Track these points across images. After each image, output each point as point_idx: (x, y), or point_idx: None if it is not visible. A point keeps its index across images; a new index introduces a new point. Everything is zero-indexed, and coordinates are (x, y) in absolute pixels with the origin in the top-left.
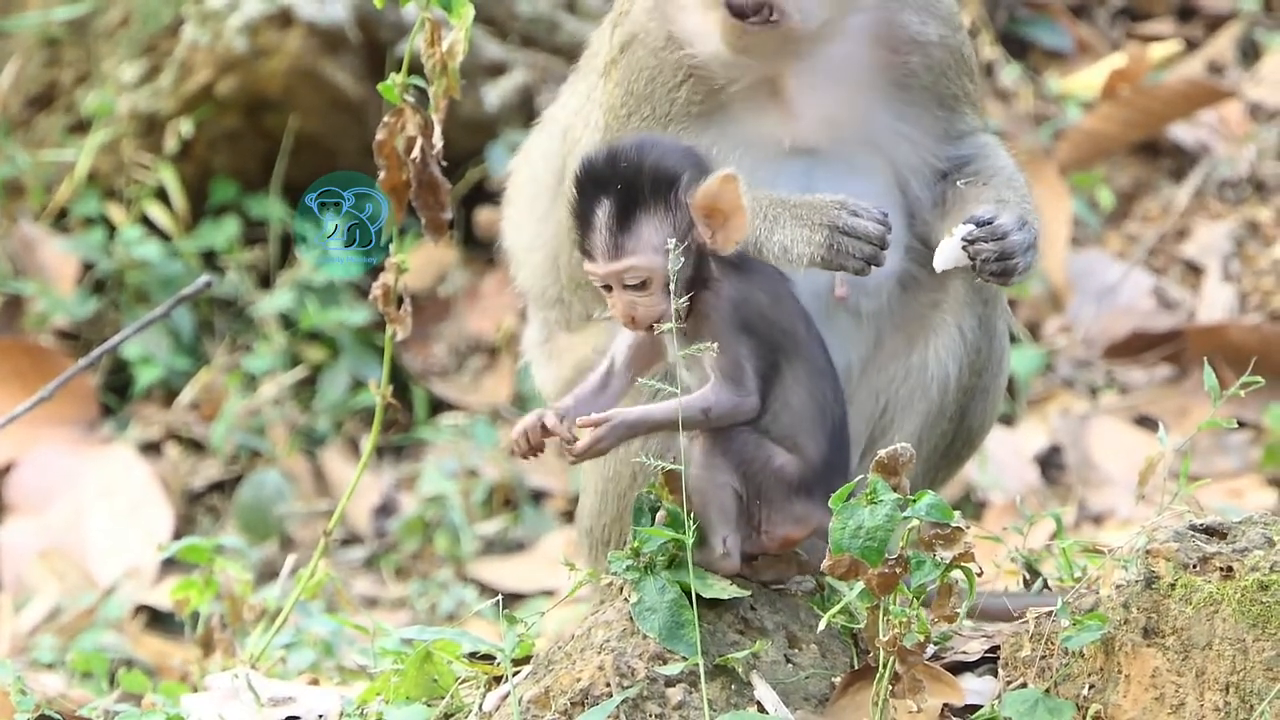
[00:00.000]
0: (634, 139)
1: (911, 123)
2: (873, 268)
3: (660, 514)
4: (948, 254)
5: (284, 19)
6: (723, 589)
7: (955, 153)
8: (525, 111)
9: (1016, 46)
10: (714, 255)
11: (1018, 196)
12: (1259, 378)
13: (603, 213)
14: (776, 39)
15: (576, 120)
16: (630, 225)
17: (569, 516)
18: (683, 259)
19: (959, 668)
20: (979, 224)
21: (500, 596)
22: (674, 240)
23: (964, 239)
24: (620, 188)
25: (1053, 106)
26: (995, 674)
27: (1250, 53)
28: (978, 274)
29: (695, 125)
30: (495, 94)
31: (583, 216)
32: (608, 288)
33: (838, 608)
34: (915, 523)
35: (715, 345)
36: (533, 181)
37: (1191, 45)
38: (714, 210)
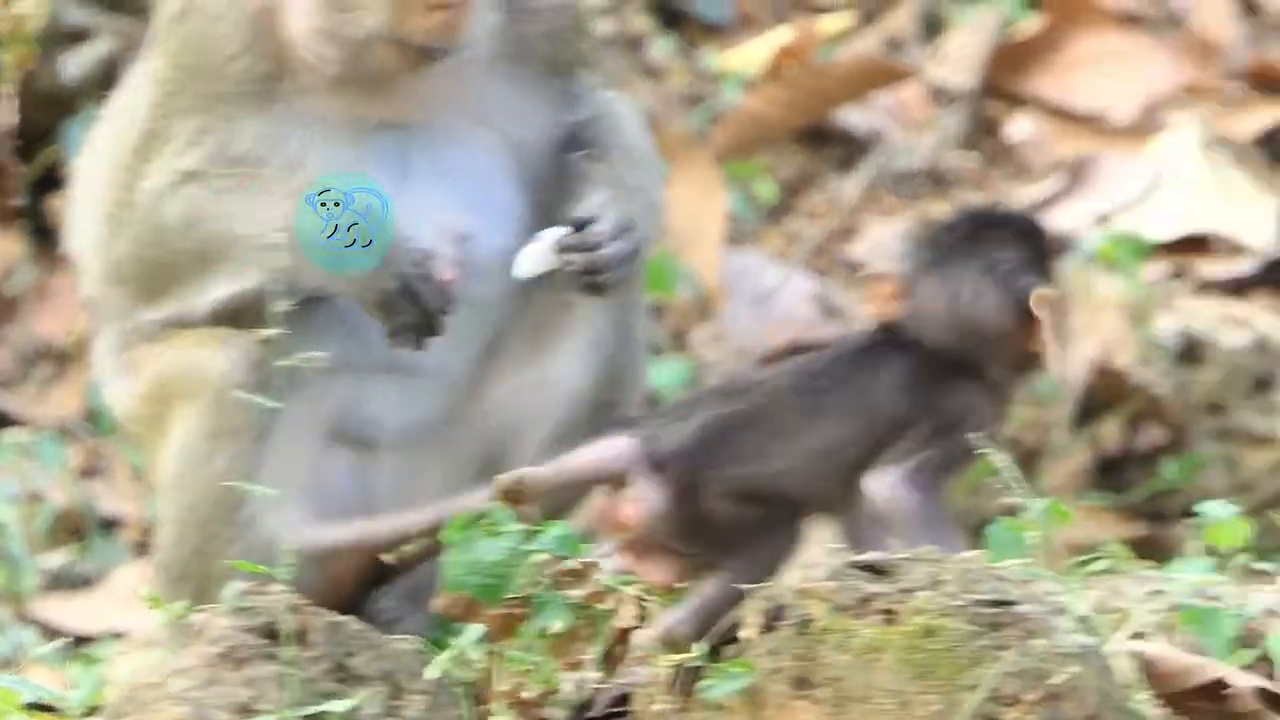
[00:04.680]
0: None
1: (525, 92)
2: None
3: None
4: (533, 259)
5: None
6: None
7: (571, 118)
8: (109, 85)
9: (669, 17)
10: None
11: (636, 180)
12: None
13: None
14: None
15: (133, 100)
16: None
17: (144, 548)
18: None
19: None
20: (575, 228)
21: (65, 639)
22: None
23: (557, 243)
24: None
25: (709, 86)
26: None
27: (932, 27)
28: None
29: (255, 103)
30: (75, 64)
31: None
32: None
33: (450, 653)
34: (541, 557)
35: None
36: (98, 172)
37: (867, 18)
38: None
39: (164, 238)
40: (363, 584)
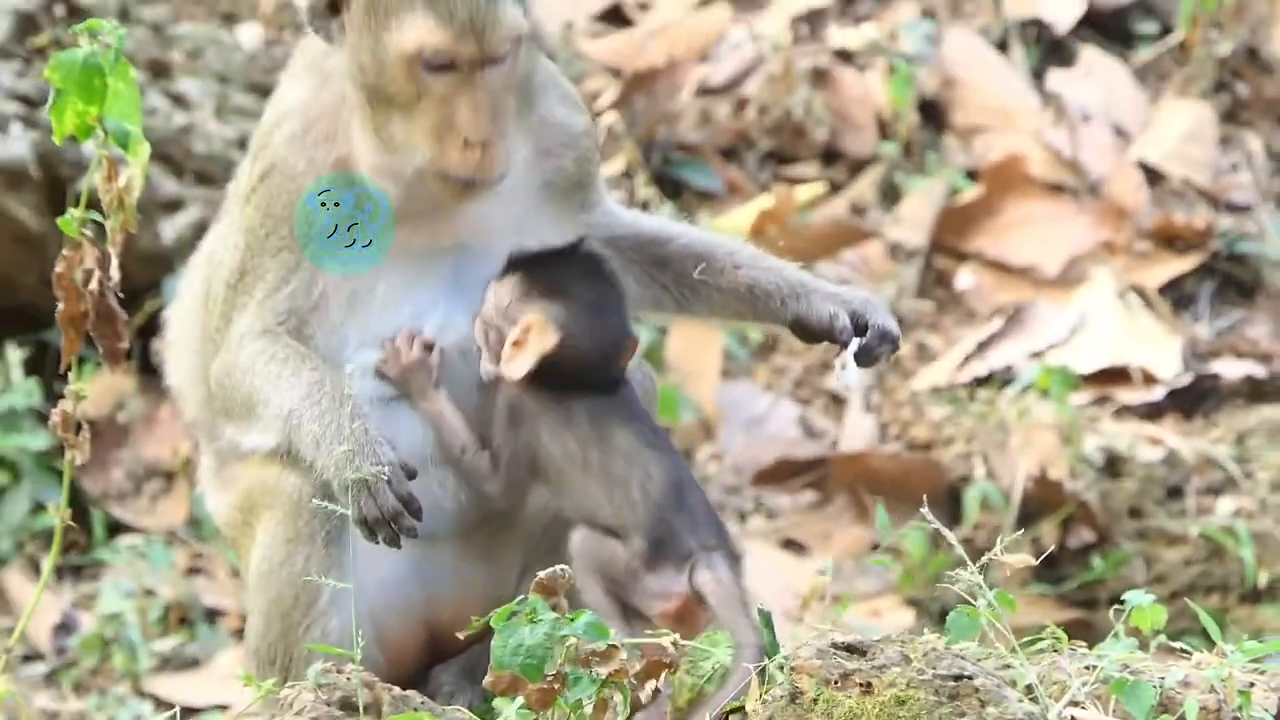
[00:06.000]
0: None
1: (557, 206)
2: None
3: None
4: (854, 373)
5: None
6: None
7: (588, 219)
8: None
9: (670, 187)
10: None
11: (787, 267)
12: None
13: None
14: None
15: (219, 245)
16: None
17: (243, 635)
18: None
19: None
20: (858, 331)
21: (177, 710)
22: None
23: (855, 353)
24: None
25: None
26: None
27: (890, 195)
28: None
29: None
30: (171, 229)
31: None
32: None
33: None
34: (573, 640)
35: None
36: (185, 315)
37: (835, 187)
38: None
39: (231, 373)
40: (424, 663)
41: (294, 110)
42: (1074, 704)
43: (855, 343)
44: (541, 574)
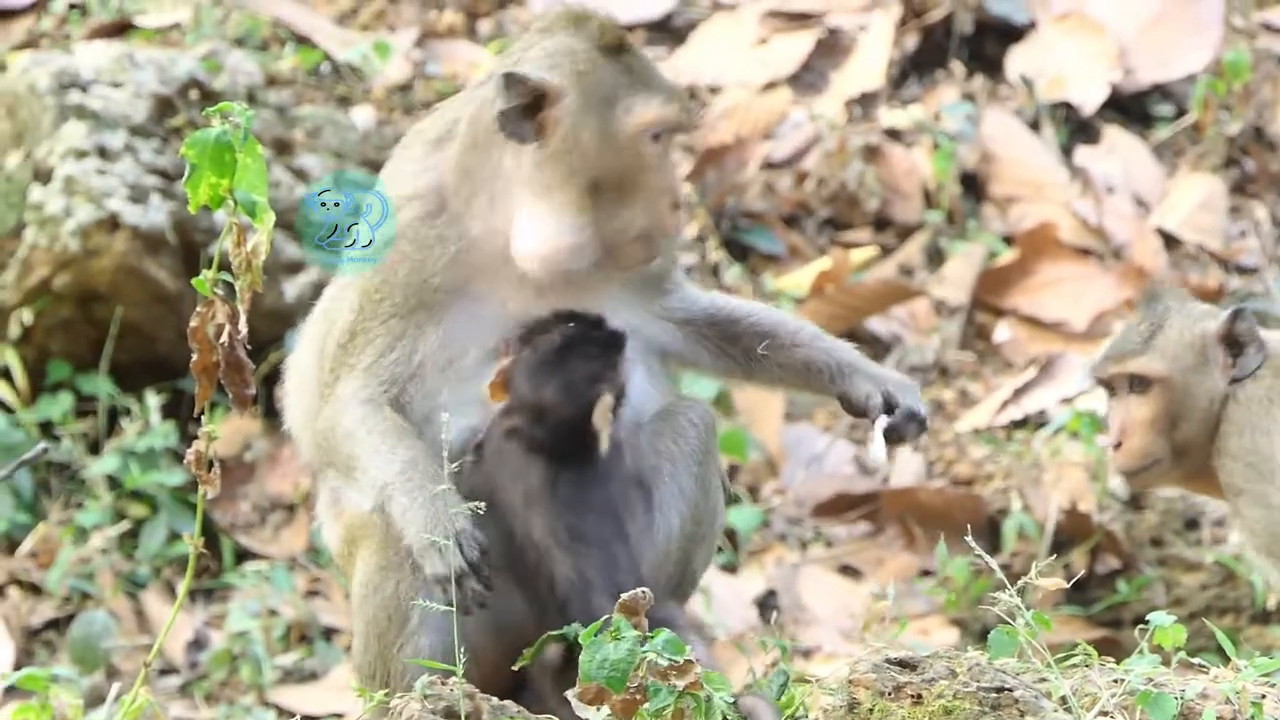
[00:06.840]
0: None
1: (635, 291)
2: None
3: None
4: (880, 447)
5: (112, 224)
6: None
7: (665, 302)
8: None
9: (738, 250)
10: None
11: (841, 347)
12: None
13: None
14: None
15: (334, 305)
16: None
17: None
18: None
19: None
20: (886, 411)
21: (298, 717)
22: None
23: (885, 430)
24: None
25: (769, 302)
26: None
27: (935, 257)
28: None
29: (439, 308)
30: (293, 288)
31: None
32: None
33: None
34: (653, 656)
35: None
36: (302, 366)
37: (886, 251)
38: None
39: (335, 430)
40: (513, 682)
41: (426, 192)
42: (1104, 714)
43: (883, 420)
44: (624, 596)
